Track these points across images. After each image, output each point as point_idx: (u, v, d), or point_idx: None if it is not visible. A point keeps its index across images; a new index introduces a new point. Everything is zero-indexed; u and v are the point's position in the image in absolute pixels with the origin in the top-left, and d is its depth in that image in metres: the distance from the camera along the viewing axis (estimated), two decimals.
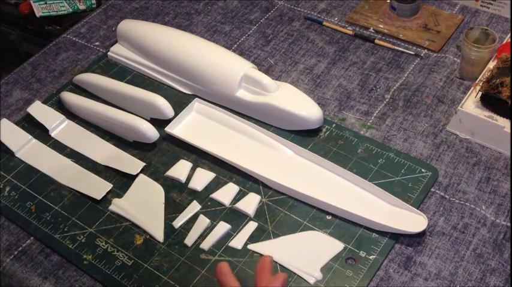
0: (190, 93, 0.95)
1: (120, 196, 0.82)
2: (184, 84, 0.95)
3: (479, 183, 0.81)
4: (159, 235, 0.78)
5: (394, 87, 0.95)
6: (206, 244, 0.76)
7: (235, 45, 1.04)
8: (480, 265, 0.73)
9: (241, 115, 0.91)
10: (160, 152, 0.88)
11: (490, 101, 0.85)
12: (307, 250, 0.75)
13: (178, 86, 0.96)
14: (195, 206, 0.80)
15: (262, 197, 0.81)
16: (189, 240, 0.77)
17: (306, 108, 0.86)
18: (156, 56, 0.97)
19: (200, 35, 1.06)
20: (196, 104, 0.92)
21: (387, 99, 0.93)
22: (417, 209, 0.77)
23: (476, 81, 0.87)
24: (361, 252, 0.74)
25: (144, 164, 0.85)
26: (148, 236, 0.78)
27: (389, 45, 1.01)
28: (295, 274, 0.73)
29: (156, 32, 0.98)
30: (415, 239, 0.75)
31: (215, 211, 0.80)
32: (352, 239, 0.76)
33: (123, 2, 1.15)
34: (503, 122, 0.83)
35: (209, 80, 0.92)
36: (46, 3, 1.42)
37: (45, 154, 0.89)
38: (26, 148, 0.89)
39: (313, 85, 0.96)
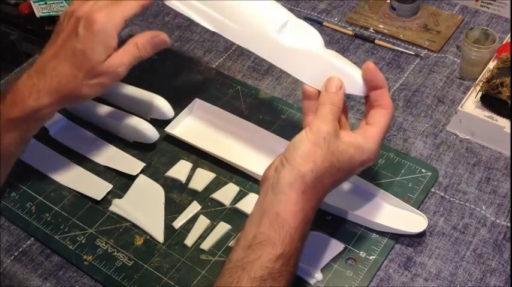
0: (213, 29, 0.79)
1: (120, 197, 0.82)
2: (210, 17, 0.79)
3: (479, 183, 0.81)
4: (159, 235, 0.78)
5: (394, 88, 0.94)
6: (206, 245, 0.76)
7: (235, 45, 1.04)
8: (480, 265, 0.73)
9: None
10: (160, 153, 0.88)
11: (490, 101, 0.84)
12: (307, 250, 0.74)
13: (202, 19, 0.79)
14: (195, 207, 0.81)
15: None
16: (189, 240, 0.77)
17: (356, 70, 0.71)
18: None
19: (201, 35, 1.07)
20: (197, 104, 0.92)
21: None
22: (417, 209, 0.77)
23: (476, 82, 0.87)
24: (361, 252, 0.74)
25: (144, 164, 0.85)
26: (148, 237, 0.78)
27: (389, 46, 1.01)
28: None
29: None
30: (415, 240, 0.75)
31: (215, 212, 0.80)
32: (352, 240, 0.76)
33: None
34: (503, 122, 0.83)
35: (247, 15, 0.76)
36: (46, 3, 1.41)
37: (45, 154, 0.89)
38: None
39: None
